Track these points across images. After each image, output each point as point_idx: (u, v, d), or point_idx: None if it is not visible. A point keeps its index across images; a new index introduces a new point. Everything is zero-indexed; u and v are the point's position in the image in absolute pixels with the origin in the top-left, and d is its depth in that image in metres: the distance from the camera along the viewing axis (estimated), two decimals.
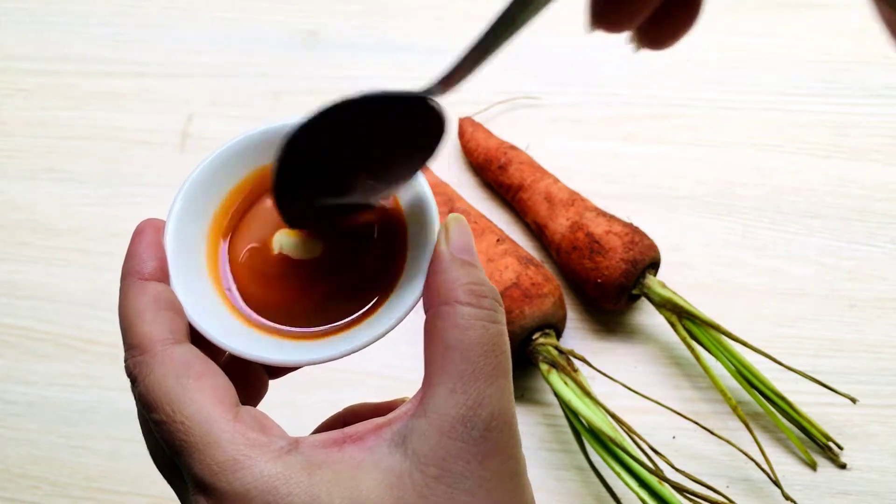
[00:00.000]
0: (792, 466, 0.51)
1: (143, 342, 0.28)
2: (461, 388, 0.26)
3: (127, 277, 0.29)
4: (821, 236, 0.59)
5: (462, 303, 0.28)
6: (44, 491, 0.54)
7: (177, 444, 0.26)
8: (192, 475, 0.26)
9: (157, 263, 0.30)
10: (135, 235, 0.30)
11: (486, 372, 0.27)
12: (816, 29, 0.68)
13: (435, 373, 0.27)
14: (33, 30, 0.74)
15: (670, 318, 0.53)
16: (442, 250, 0.29)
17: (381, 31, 0.72)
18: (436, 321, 0.28)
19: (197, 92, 0.69)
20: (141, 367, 0.27)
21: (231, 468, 0.25)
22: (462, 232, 0.30)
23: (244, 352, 0.29)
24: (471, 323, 0.27)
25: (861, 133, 0.63)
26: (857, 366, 0.54)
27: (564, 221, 0.56)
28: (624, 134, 0.65)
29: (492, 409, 0.26)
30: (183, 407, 0.26)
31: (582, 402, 0.49)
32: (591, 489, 0.52)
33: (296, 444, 0.27)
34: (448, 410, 0.26)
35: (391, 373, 0.55)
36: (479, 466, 0.26)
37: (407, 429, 0.26)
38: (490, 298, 0.28)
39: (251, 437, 0.26)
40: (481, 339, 0.27)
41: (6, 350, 0.59)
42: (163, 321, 0.28)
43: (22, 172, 0.67)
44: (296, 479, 0.25)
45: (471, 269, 0.29)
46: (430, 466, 0.26)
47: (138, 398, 0.27)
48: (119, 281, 0.30)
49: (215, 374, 0.28)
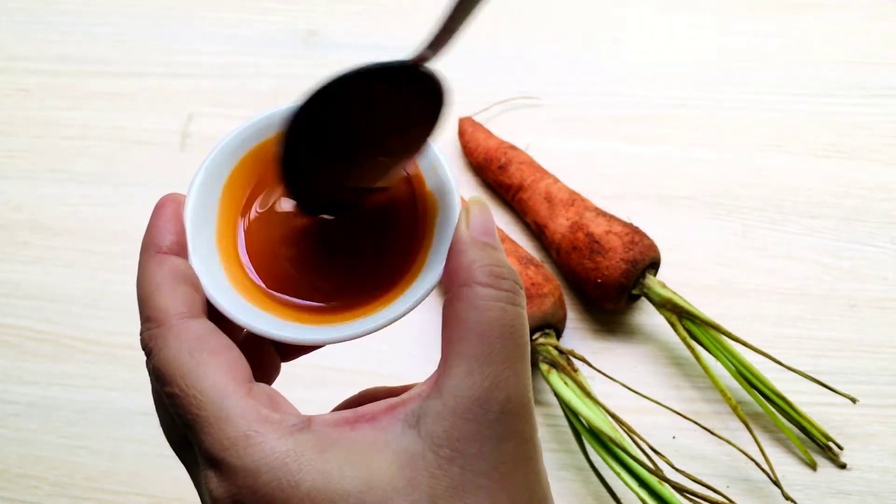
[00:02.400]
0: (792, 466, 0.51)
1: (159, 315, 0.27)
2: (478, 369, 0.26)
3: (146, 251, 0.29)
4: (821, 236, 0.59)
5: (481, 284, 0.27)
6: (44, 491, 0.54)
7: (189, 419, 0.26)
8: (203, 450, 0.25)
9: (176, 238, 0.29)
10: (156, 209, 0.30)
11: (503, 354, 0.26)
12: (816, 29, 0.68)
13: (451, 354, 0.27)
14: (33, 30, 0.74)
15: (670, 318, 0.53)
16: (462, 232, 0.29)
17: (381, 31, 0.72)
18: (454, 302, 0.27)
19: (197, 92, 0.69)
20: (156, 341, 0.27)
21: (242, 444, 0.25)
22: (483, 214, 0.29)
23: (262, 329, 0.29)
24: (489, 304, 0.27)
25: (861, 133, 0.63)
26: (857, 366, 0.54)
27: (564, 221, 0.56)
28: (624, 134, 0.65)
29: (508, 392, 0.26)
30: (196, 381, 0.26)
31: (582, 402, 0.49)
32: (591, 489, 0.52)
33: (308, 422, 0.26)
34: (463, 392, 0.26)
35: (393, 371, 0.55)
36: (493, 449, 0.26)
37: (421, 409, 0.26)
38: (510, 280, 0.28)
39: (263, 414, 0.26)
40: (499, 321, 0.27)
41: (6, 350, 0.59)
42: (179, 295, 0.28)
43: (22, 172, 0.67)
44: (307, 457, 0.25)
45: (491, 250, 0.28)
46: (443, 448, 0.25)
47: (152, 371, 0.27)
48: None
49: (230, 350, 0.28)
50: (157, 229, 0.29)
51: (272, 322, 0.30)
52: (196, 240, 0.30)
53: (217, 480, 0.25)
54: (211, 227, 0.31)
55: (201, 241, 0.30)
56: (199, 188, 0.31)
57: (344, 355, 0.50)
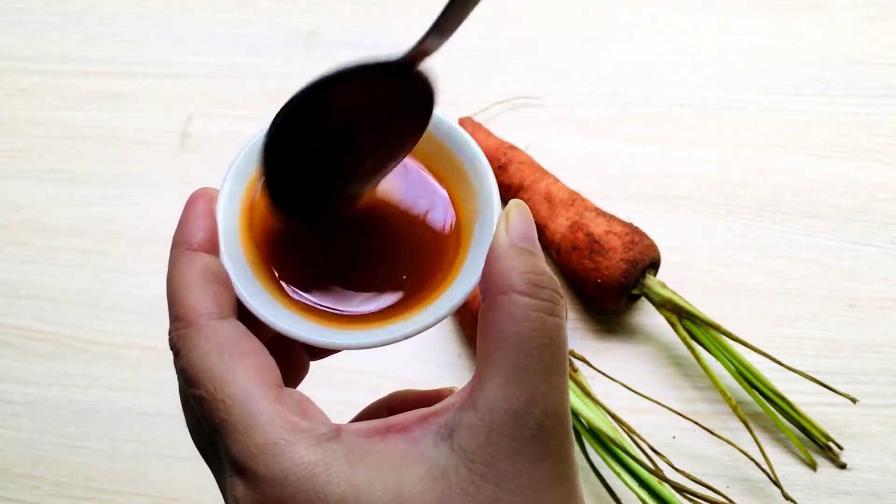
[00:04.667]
0: (792, 466, 0.51)
1: (189, 315, 0.27)
2: (514, 382, 0.25)
3: (176, 247, 0.28)
4: (821, 236, 0.59)
5: (519, 292, 0.26)
6: (44, 491, 0.54)
7: (216, 423, 0.25)
8: (230, 456, 0.25)
9: (207, 234, 0.29)
10: (187, 204, 0.29)
11: (541, 367, 0.25)
12: (816, 29, 0.68)
13: (487, 365, 0.26)
14: (33, 30, 0.74)
15: (670, 318, 0.53)
16: (500, 237, 0.27)
17: (381, 31, 0.72)
18: (491, 311, 0.26)
19: (197, 92, 0.69)
20: (185, 341, 0.27)
21: (270, 451, 0.24)
22: (523, 219, 0.28)
23: (294, 332, 0.28)
24: (527, 314, 0.26)
25: (861, 133, 0.63)
26: (857, 366, 0.54)
27: (564, 221, 0.56)
28: (624, 134, 0.65)
29: (545, 407, 0.25)
30: (225, 385, 0.25)
31: (582, 402, 0.49)
32: (591, 489, 0.52)
33: (338, 431, 0.26)
34: (499, 405, 0.25)
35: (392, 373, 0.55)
36: (529, 467, 0.25)
37: (454, 422, 0.25)
38: (549, 289, 0.26)
39: (292, 421, 0.25)
40: (537, 332, 0.25)
41: (6, 350, 0.59)
42: (209, 294, 0.27)
43: (22, 172, 0.67)
44: (336, 468, 0.24)
45: (530, 257, 0.27)
46: (477, 463, 0.24)
47: (180, 372, 0.27)
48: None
49: (260, 353, 0.27)
50: (189, 225, 0.29)
51: (304, 325, 0.29)
52: (227, 236, 0.29)
53: (243, 488, 0.25)
54: (236, 223, 0.30)
55: (232, 238, 0.30)
56: (231, 182, 0.30)
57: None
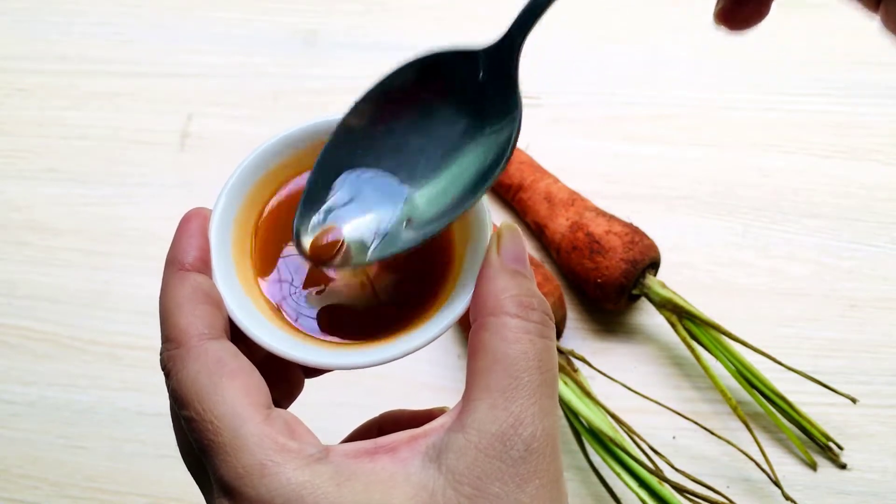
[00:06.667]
0: (792, 466, 0.51)
1: (179, 336, 0.27)
2: (502, 403, 0.25)
3: (169, 267, 0.29)
4: (821, 236, 0.59)
5: (509, 314, 0.26)
6: (44, 491, 0.54)
7: (205, 444, 0.25)
8: (218, 477, 0.25)
9: (200, 254, 0.29)
10: (181, 223, 0.29)
11: (530, 388, 0.25)
12: (816, 29, 0.68)
13: (476, 386, 0.26)
14: (33, 30, 0.74)
15: (670, 318, 0.53)
16: (492, 258, 0.28)
17: (381, 31, 0.71)
18: (481, 332, 0.27)
19: (197, 92, 0.69)
20: (175, 362, 0.27)
21: (257, 473, 0.24)
22: (515, 241, 0.28)
23: (286, 352, 0.28)
24: (517, 336, 0.26)
25: (861, 133, 0.63)
26: (857, 366, 0.54)
27: (564, 221, 0.56)
28: (624, 134, 0.65)
29: (533, 429, 0.25)
30: (214, 406, 0.26)
31: (582, 402, 0.49)
32: (591, 489, 0.52)
33: (326, 452, 0.26)
34: (487, 426, 0.25)
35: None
36: (516, 489, 0.25)
37: (443, 443, 0.25)
38: (539, 311, 0.27)
39: (280, 442, 0.25)
40: (527, 354, 0.26)
41: (6, 350, 0.59)
42: (200, 315, 0.27)
43: (22, 172, 0.67)
44: (323, 490, 0.24)
45: (521, 279, 0.27)
46: (464, 485, 0.24)
47: (171, 393, 0.27)
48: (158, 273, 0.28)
49: (250, 374, 0.27)
50: (181, 245, 0.29)
51: (296, 345, 0.29)
52: (220, 256, 0.29)
53: None
54: (235, 243, 0.31)
55: (224, 258, 0.30)
56: (224, 204, 0.30)
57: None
